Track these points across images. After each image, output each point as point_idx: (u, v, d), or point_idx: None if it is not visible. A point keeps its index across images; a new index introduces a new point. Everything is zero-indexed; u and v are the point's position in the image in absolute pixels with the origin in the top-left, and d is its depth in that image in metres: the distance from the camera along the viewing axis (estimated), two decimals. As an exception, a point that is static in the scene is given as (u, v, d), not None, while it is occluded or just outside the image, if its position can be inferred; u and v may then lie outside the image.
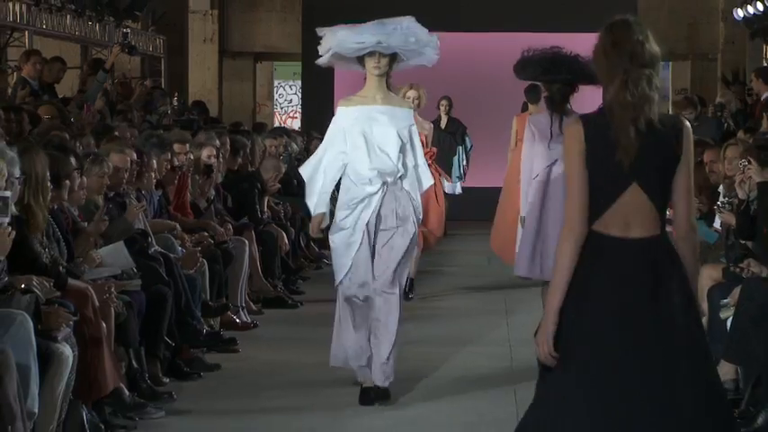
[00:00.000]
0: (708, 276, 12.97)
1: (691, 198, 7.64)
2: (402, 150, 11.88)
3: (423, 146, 15.23)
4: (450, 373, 13.38)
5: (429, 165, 15.04)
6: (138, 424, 11.05)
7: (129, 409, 11.14)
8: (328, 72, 30.07)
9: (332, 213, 12.08)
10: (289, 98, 37.53)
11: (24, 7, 22.74)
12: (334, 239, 11.90)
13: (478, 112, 28.53)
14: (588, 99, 10.91)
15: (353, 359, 11.96)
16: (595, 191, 7.52)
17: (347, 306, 12.01)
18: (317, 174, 11.95)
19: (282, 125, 31.86)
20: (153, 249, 12.63)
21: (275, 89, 37.70)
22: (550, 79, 11.44)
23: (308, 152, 23.60)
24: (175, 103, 25.60)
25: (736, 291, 11.64)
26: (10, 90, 19.18)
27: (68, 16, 24.88)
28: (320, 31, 11.78)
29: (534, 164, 13.44)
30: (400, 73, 14.15)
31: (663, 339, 7.41)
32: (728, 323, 11.69)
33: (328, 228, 11.99)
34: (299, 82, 34.02)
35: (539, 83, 12.64)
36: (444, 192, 18.05)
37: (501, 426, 10.86)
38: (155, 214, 14.02)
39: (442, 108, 25.45)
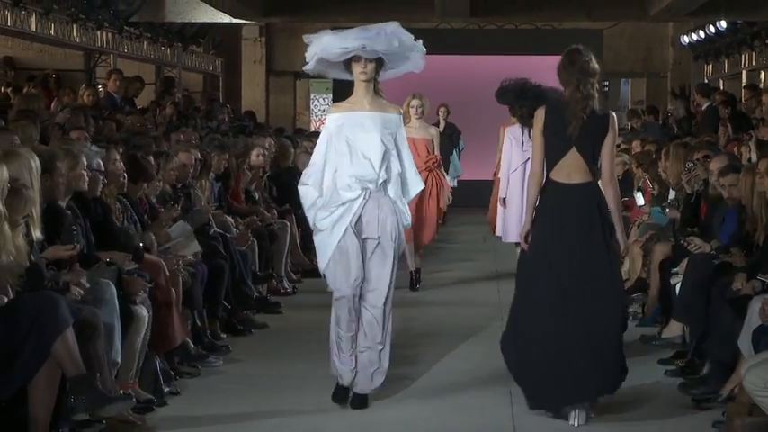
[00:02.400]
0: (660, 252, 12.96)
1: (612, 159, 9.84)
2: (386, 157, 9.93)
3: (428, 152, 15.27)
4: (452, 328, 13.28)
5: (430, 171, 15.23)
6: (200, 371, 11.03)
7: (193, 359, 11.16)
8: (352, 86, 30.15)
9: None
10: (322, 108, 37.40)
11: (110, 35, 22.72)
12: (315, 240, 10.08)
13: (470, 119, 28.44)
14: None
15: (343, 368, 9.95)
16: (549, 152, 9.73)
17: (338, 313, 9.97)
18: (314, 186, 10.02)
19: (317, 129, 31.76)
20: (213, 230, 12.66)
21: (311, 101, 37.74)
22: (521, 104, 11.29)
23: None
24: (231, 113, 25.54)
25: (684, 263, 11.59)
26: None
27: (145, 42, 24.86)
28: (306, 38, 9.96)
29: (512, 161, 15.74)
30: (405, 84, 13.88)
31: (582, 256, 9.56)
32: (677, 289, 11.59)
33: None
34: (331, 95, 33.97)
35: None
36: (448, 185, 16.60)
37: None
38: (215, 202, 14.04)
39: (440, 114, 24.70)
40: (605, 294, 9.50)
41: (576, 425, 9.39)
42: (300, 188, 10.09)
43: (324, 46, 9.81)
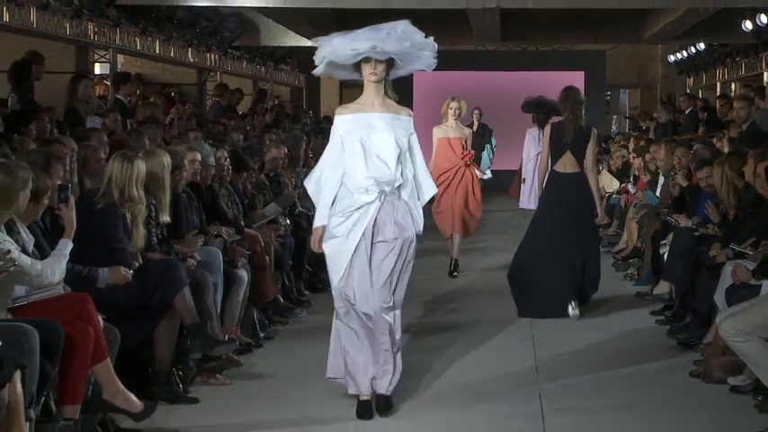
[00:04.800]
0: (652, 226, 12.93)
1: (593, 157, 11.74)
2: (401, 159, 7.80)
3: (462, 149, 14.05)
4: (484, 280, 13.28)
5: (467, 165, 14.12)
6: (289, 321, 11.03)
7: (282, 311, 11.15)
8: (408, 92, 30.11)
9: None
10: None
11: (217, 56, 22.79)
12: (327, 247, 7.78)
13: (500, 122, 28.40)
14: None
15: (353, 375, 7.81)
16: (553, 153, 11.60)
17: (344, 320, 7.81)
18: (319, 186, 7.89)
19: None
20: (298, 210, 12.68)
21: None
22: (537, 112, 14.56)
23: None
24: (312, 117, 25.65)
25: (671, 236, 11.53)
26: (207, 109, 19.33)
27: (245, 62, 24.89)
28: (316, 40, 7.94)
29: (530, 153, 16.99)
30: (448, 90, 13.80)
31: (571, 218, 11.40)
32: (665, 257, 11.55)
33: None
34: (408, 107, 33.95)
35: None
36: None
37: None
38: (300, 187, 14.02)
39: (474, 116, 23.78)
40: (586, 238, 11.58)
41: (572, 314, 11.23)
42: (308, 185, 8.02)
43: (333, 48, 7.74)
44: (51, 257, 6.81)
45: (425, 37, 7.79)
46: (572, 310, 11.25)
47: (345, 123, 7.85)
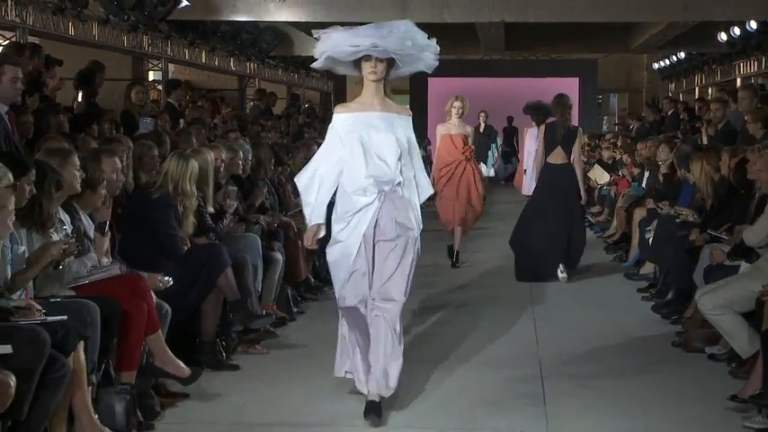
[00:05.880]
0: (639, 214, 12.94)
1: (579, 152, 12.48)
2: (401, 158, 6.87)
3: (464, 144, 13.33)
4: (491, 261, 13.23)
5: (468, 159, 13.39)
6: (318, 297, 11.01)
7: (313, 289, 11.14)
8: (424, 96, 30.06)
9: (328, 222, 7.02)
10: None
11: (256, 65, 22.81)
12: (331, 252, 6.87)
13: (504, 122, 28.36)
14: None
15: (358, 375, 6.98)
16: (546, 148, 12.31)
17: (348, 322, 7.01)
18: (313, 183, 6.89)
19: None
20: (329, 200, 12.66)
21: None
22: (536, 113, 14.01)
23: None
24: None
25: (655, 222, 11.48)
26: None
27: (280, 70, 24.90)
28: (316, 33, 6.81)
29: (531, 147, 16.99)
30: (456, 92, 13.61)
31: (561, 201, 12.13)
32: (650, 241, 11.50)
33: (324, 239, 7.06)
34: (409, 105, 33.81)
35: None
36: (482, 175, 14.57)
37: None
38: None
39: (481, 117, 23.68)
40: (573, 215, 12.30)
41: (561, 276, 12.11)
42: (299, 179, 7.05)
43: (333, 43, 6.73)
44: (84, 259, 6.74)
45: (428, 38, 6.86)
46: (561, 273, 12.12)
47: (344, 123, 6.87)
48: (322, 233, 6.97)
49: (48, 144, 7.77)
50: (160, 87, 18.07)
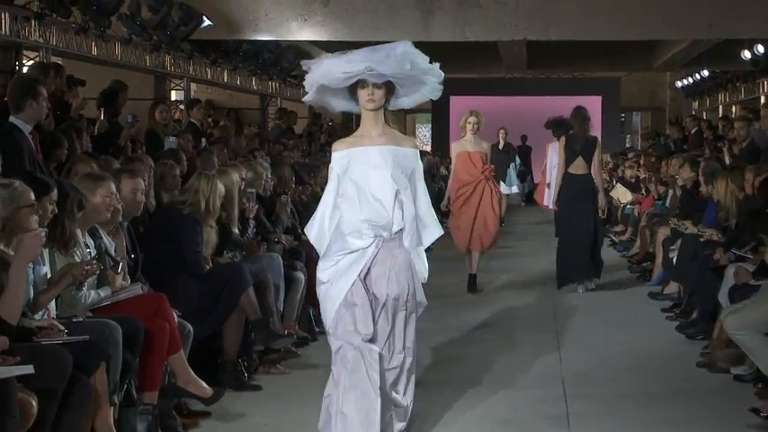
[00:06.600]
0: (663, 233, 12.90)
1: (598, 162, 12.94)
2: (400, 199, 6.09)
3: (483, 162, 12.74)
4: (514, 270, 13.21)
5: (488, 179, 12.72)
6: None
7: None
8: (446, 116, 30.06)
9: None
10: (424, 134, 37.20)
11: (277, 84, 22.93)
12: (319, 292, 6.30)
13: (526, 139, 28.35)
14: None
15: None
16: (567, 158, 12.79)
17: (342, 367, 6.12)
18: (323, 234, 6.22)
19: (421, 149, 31.51)
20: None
21: (416, 129, 37.54)
22: (557, 128, 14.92)
23: (431, 167, 23.46)
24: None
25: (679, 241, 11.43)
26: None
27: (302, 89, 24.83)
28: (305, 64, 6.15)
29: (553, 161, 16.38)
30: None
31: (583, 209, 12.66)
32: (674, 260, 11.46)
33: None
34: (431, 124, 33.88)
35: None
36: (501, 194, 14.02)
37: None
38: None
39: (500, 135, 23.10)
40: (593, 227, 12.80)
41: (582, 291, 12.68)
42: (309, 231, 6.36)
43: (324, 71, 6.03)
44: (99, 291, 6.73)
45: (430, 62, 6.15)
46: (587, 283, 12.89)
47: (341, 162, 6.19)
48: None
49: (78, 167, 7.84)
50: (182, 107, 18.15)
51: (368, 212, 6.05)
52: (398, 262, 6.14)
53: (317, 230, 6.26)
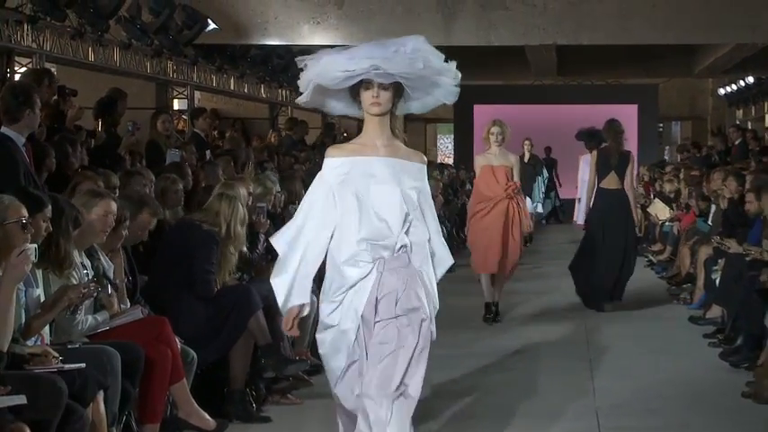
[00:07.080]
0: (704, 252, 12.88)
1: (631, 177, 13.24)
2: (408, 218, 5.34)
3: (507, 179, 12.22)
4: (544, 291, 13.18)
5: (511, 198, 12.14)
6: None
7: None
8: (469, 125, 30.07)
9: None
10: (446, 145, 37.23)
11: (288, 92, 23.00)
12: (323, 342, 5.51)
13: (555, 151, 28.26)
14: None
15: None
16: (600, 173, 13.14)
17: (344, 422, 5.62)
18: (295, 248, 5.39)
19: (442, 162, 31.58)
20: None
21: (438, 139, 37.57)
22: (589, 140, 15.56)
23: (454, 181, 23.46)
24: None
25: (722, 261, 11.39)
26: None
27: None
28: (300, 61, 5.41)
29: (584, 174, 16.81)
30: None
31: (615, 227, 12.99)
32: (717, 281, 11.43)
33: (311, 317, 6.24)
34: (453, 135, 33.90)
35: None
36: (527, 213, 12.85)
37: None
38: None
39: (525, 146, 22.56)
40: (627, 244, 13.14)
41: (608, 311, 12.96)
42: (277, 243, 5.52)
43: (321, 70, 5.31)
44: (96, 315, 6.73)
45: (445, 61, 5.43)
46: (609, 304, 13.13)
47: (337, 170, 5.42)
48: (306, 312, 5.58)
49: (84, 185, 7.83)
50: (186, 117, 18.20)
51: (368, 231, 5.31)
52: (408, 282, 5.34)
53: (285, 246, 5.47)
